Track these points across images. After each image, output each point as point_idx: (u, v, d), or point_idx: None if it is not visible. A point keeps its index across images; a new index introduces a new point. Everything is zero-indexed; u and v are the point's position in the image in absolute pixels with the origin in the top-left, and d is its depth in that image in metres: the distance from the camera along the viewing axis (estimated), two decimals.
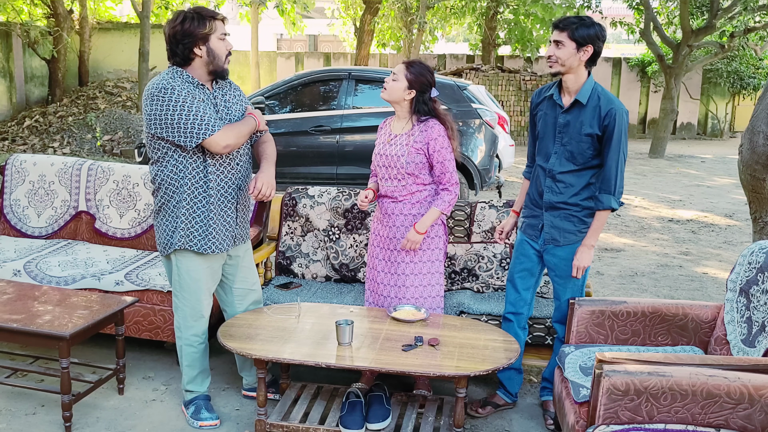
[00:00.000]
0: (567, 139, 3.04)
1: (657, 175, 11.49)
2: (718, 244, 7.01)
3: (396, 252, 3.30)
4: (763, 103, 3.96)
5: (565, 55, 2.96)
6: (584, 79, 3.02)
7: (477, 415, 3.30)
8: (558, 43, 2.97)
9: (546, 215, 3.14)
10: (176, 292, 3.17)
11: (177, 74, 2.99)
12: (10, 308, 3.21)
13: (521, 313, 3.29)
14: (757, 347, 2.63)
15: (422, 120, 3.23)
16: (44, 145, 11.22)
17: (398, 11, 16.54)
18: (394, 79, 3.22)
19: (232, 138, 2.97)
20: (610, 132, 2.95)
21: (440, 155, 3.19)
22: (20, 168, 4.48)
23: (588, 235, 3.07)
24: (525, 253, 3.24)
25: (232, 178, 3.10)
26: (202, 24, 2.94)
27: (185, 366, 3.23)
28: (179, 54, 2.98)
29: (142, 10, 12.11)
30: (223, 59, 3.02)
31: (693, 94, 17.22)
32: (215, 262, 3.17)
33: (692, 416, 2.34)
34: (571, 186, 3.06)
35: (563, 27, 2.96)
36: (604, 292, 5.23)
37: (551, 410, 3.27)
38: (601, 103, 2.98)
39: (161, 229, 3.11)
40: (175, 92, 2.91)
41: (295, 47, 25.52)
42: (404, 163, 3.19)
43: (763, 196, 4.02)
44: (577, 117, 3.01)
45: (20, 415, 3.24)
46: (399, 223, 3.28)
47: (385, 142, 3.30)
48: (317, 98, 7.82)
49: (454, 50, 23.30)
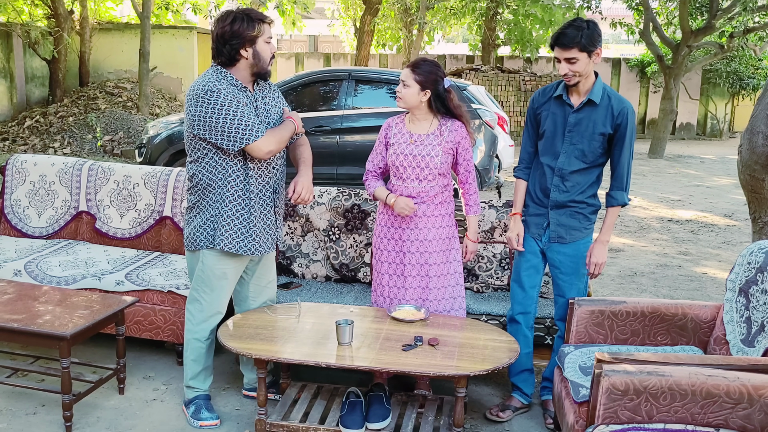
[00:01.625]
0: (578, 138, 3.08)
1: (656, 176, 11.49)
2: (718, 244, 7.01)
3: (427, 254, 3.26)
4: (762, 104, 3.96)
5: (581, 67, 3.00)
6: (593, 79, 3.08)
7: (499, 419, 3.28)
8: (571, 60, 2.98)
9: (552, 213, 3.17)
10: (197, 286, 3.18)
11: (221, 76, 3.00)
12: (10, 308, 3.21)
13: (529, 312, 3.30)
14: (757, 347, 2.64)
15: (446, 119, 3.25)
16: (45, 146, 11.22)
17: (398, 12, 16.55)
18: (404, 86, 3.20)
19: (275, 144, 3.00)
20: (622, 130, 3.04)
21: (468, 153, 3.27)
22: (21, 168, 4.49)
23: (602, 232, 3.16)
24: (531, 250, 3.26)
25: (270, 181, 3.13)
26: (251, 26, 2.95)
27: (190, 360, 3.23)
28: (225, 54, 2.98)
29: (143, 10, 12.13)
30: (267, 62, 3.04)
31: (692, 94, 17.23)
32: (242, 262, 3.19)
33: (692, 416, 2.35)
34: (579, 184, 3.13)
35: (570, 44, 2.96)
36: (604, 292, 5.24)
37: (551, 409, 3.27)
38: (612, 102, 3.05)
39: (192, 225, 3.13)
40: (221, 95, 2.92)
41: (295, 48, 25.53)
42: (438, 163, 3.20)
43: (763, 196, 4.03)
44: (589, 116, 3.07)
45: (21, 415, 3.25)
46: (422, 225, 3.26)
47: (406, 142, 3.25)
48: (317, 99, 7.82)
49: (453, 50, 23.30)
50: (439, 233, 3.28)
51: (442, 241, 3.29)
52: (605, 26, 15.93)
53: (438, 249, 3.28)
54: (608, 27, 14.97)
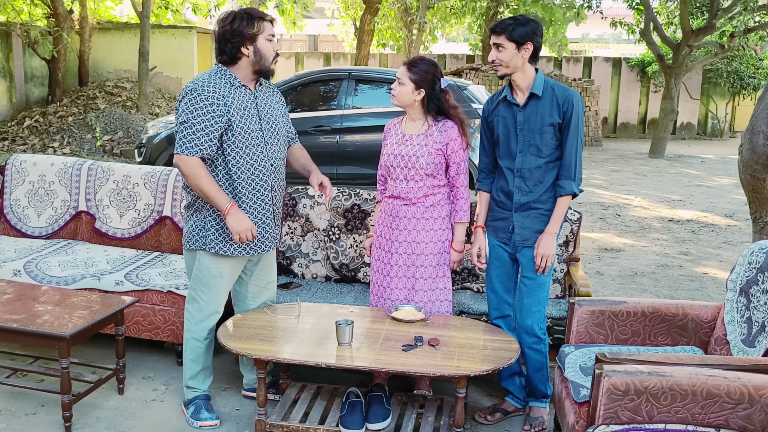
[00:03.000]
0: (530, 134, 3.07)
1: (657, 175, 11.49)
2: (718, 244, 7.01)
3: (414, 255, 3.25)
4: (763, 103, 3.96)
5: (507, 56, 3.02)
6: (533, 74, 3.08)
7: (486, 422, 3.27)
8: (498, 46, 3.03)
9: (516, 216, 3.14)
10: (195, 286, 3.19)
11: (220, 74, 3.03)
12: (10, 308, 3.21)
13: (508, 315, 3.28)
14: (757, 347, 2.63)
15: (438, 120, 3.23)
16: (44, 145, 11.21)
17: (398, 11, 16.54)
18: (399, 83, 3.19)
19: (188, 172, 2.96)
20: (568, 118, 3.02)
21: (458, 156, 3.21)
22: (20, 168, 4.48)
23: (550, 222, 3.08)
24: (498, 257, 3.23)
25: (267, 180, 3.13)
26: (250, 24, 2.98)
27: (189, 360, 3.23)
28: (227, 52, 3.01)
29: (142, 10, 12.12)
30: (270, 59, 3.06)
31: (693, 94, 17.22)
32: (239, 262, 3.18)
33: (692, 416, 2.34)
34: (540, 183, 3.09)
35: (500, 30, 3.02)
36: (604, 292, 5.23)
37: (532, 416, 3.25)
38: (556, 93, 3.05)
39: (189, 224, 3.15)
40: (200, 98, 2.94)
41: (295, 47, 25.53)
42: (424, 163, 3.18)
43: (763, 196, 4.02)
44: (535, 110, 3.06)
45: (20, 415, 3.24)
46: (411, 226, 3.25)
47: (398, 143, 3.26)
48: (317, 98, 7.82)
49: (454, 50, 23.31)
50: (430, 236, 3.25)
51: (433, 244, 3.25)
52: (606, 25, 15.96)
53: (428, 252, 3.25)
54: (609, 26, 14.98)
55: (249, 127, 3.02)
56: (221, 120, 2.96)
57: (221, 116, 2.96)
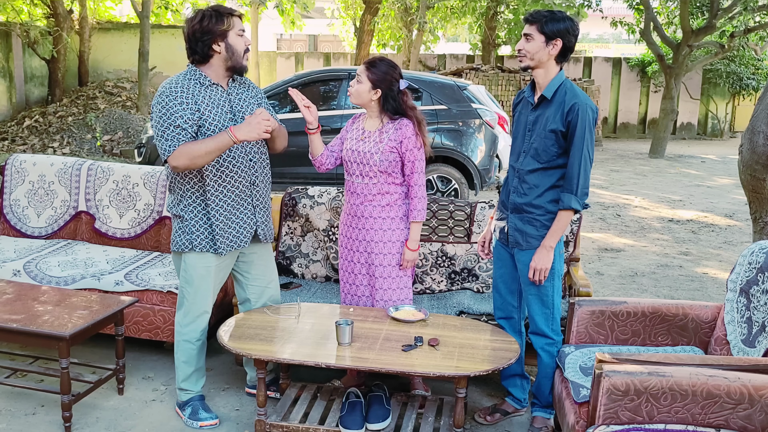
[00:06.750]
0: (534, 136, 2.98)
1: (657, 175, 11.49)
2: (718, 244, 7.01)
3: (373, 255, 3.26)
4: (763, 103, 3.96)
5: (533, 48, 2.90)
6: (554, 74, 2.95)
7: (485, 422, 3.26)
8: (527, 36, 2.92)
9: (511, 217, 3.09)
10: (182, 287, 3.19)
11: (191, 75, 3.03)
12: (10, 308, 3.20)
13: (512, 317, 3.26)
14: (757, 347, 2.63)
15: (393, 119, 3.22)
16: (44, 145, 11.21)
17: (398, 11, 16.54)
18: (358, 81, 3.20)
19: (184, 159, 2.92)
20: (573, 128, 2.87)
21: (412, 155, 3.19)
22: (20, 168, 4.48)
23: (548, 236, 2.96)
24: (500, 257, 3.21)
25: (246, 176, 3.11)
26: (220, 21, 2.97)
27: (182, 362, 3.23)
28: (199, 52, 3.01)
29: (142, 10, 12.12)
30: (241, 55, 3.06)
31: (693, 94, 17.22)
32: (224, 261, 3.18)
33: (692, 416, 2.34)
34: (536, 187, 2.99)
35: (533, 20, 2.90)
36: (604, 292, 5.23)
37: (536, 426, 3.17)
38: (566, 98, 2.90)
39: (173, 227, 3.16)
40: (169, 98, 2.94)
41: (295, 47, 25.54)
42: (377, 161, 3.18)
43: (763, 196, 4.02)
44: (543, 113, 2.96)
45: (20, 415, 3.24)
46: (369, 226, 3.25)
47: (357, 138, 3.27)
48: (317, 98, 7.81)
49: (454, 50, 23.31)
50: (388, 236, 3.24)
51: (392, 244, 3.25)
52: (606, 25, 15.95)
53: (386, 251, 3.25)
54: (609, 26, 14.98)
55: (222, 125, 3.01)
56: (193, 118, 2.96)
57: (192, 114, 2.96)
